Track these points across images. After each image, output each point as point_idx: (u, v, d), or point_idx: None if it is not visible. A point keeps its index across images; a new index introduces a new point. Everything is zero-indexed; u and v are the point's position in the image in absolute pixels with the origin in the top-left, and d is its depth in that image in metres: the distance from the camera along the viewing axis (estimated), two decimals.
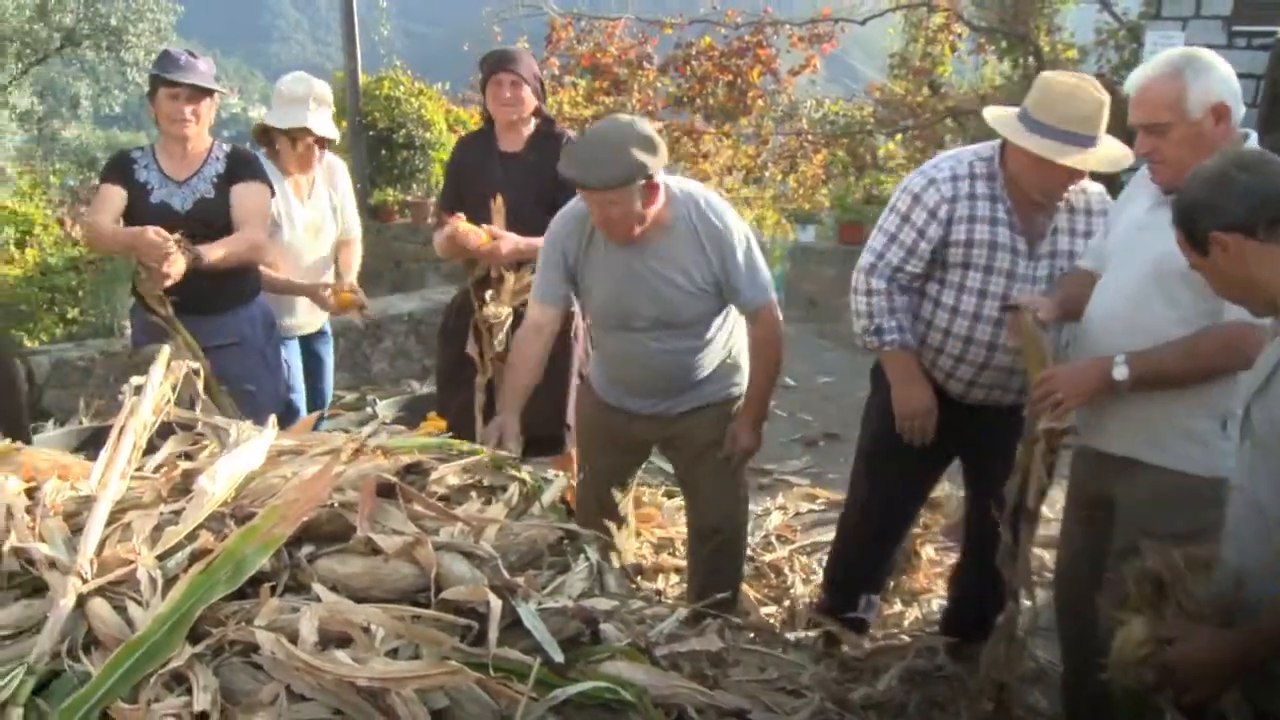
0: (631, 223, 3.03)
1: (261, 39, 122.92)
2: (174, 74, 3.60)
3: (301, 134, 4.09)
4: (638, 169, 2.91)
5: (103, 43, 11.01)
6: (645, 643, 1.98)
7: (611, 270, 3.17)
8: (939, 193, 3.04)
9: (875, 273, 3.12)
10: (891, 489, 3.42)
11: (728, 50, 12.31)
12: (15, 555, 1.96)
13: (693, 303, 3.18)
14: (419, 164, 12.06)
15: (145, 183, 3.70)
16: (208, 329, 3.59)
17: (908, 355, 3.18)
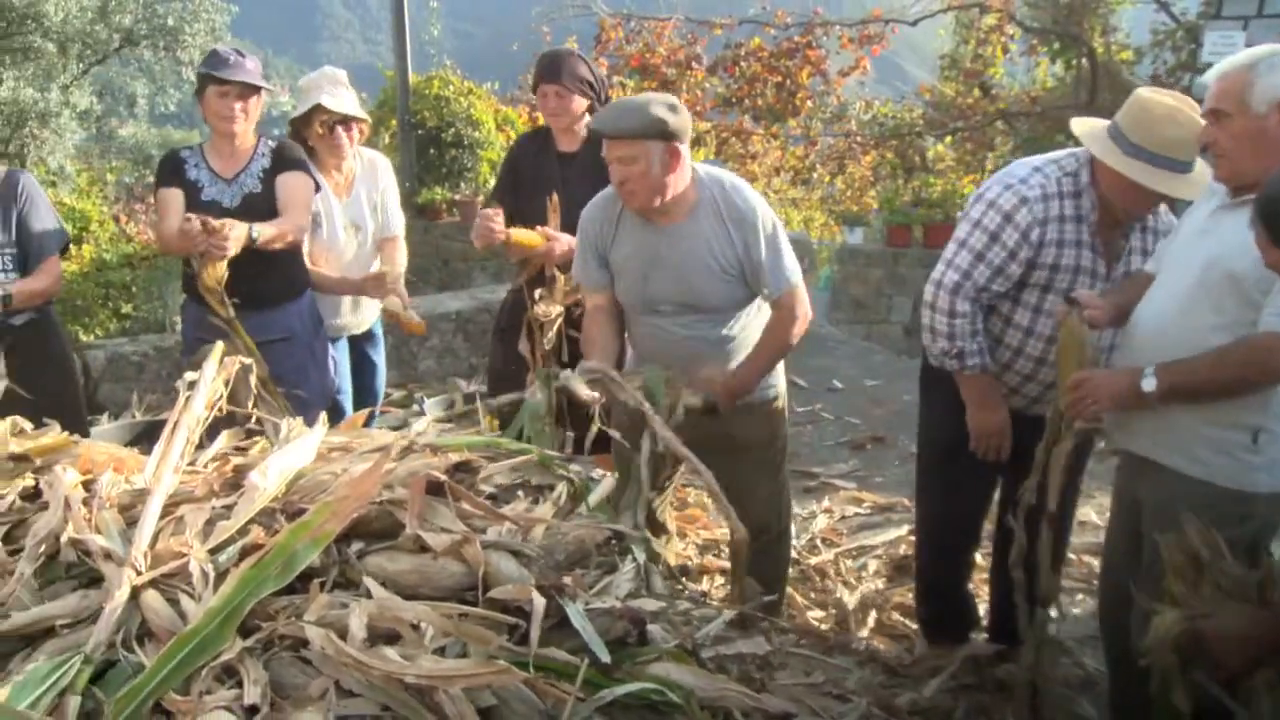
0: (651, 188, 3.06)
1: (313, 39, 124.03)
2: (223, 72, 3.67)
3: (318, 113, 4.12)
4: (657, 122, 2.99)
5: (160, 43, 11.15)
6: (692, 644, 1.97)
7: (638, 252, 3.21)
8: (1032, 214, 2.92)
9: (961, 293, 3.00)
10: (961, 498, 3.36)
11: (777, 51, 12.29)
12: (73, 546, 1.99)
13: (718, 286, 3.18)
14: (467, 163, 12.11)
15: (196, 181, 3.79)
16: (258, 323, 3.65)
17: (987, 377, 3.11)
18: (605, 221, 3.28)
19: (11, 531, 2.13)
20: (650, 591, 2.16)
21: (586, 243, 3.32)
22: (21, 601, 1.89)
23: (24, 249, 3.66)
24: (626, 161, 3.03)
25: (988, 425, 3.13)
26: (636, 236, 3.21)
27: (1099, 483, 3.46)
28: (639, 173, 3.03)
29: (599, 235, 3.28)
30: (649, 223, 3.21)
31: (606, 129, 3.07)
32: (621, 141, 3.03)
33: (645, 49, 12.46)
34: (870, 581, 4.16)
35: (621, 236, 3.25)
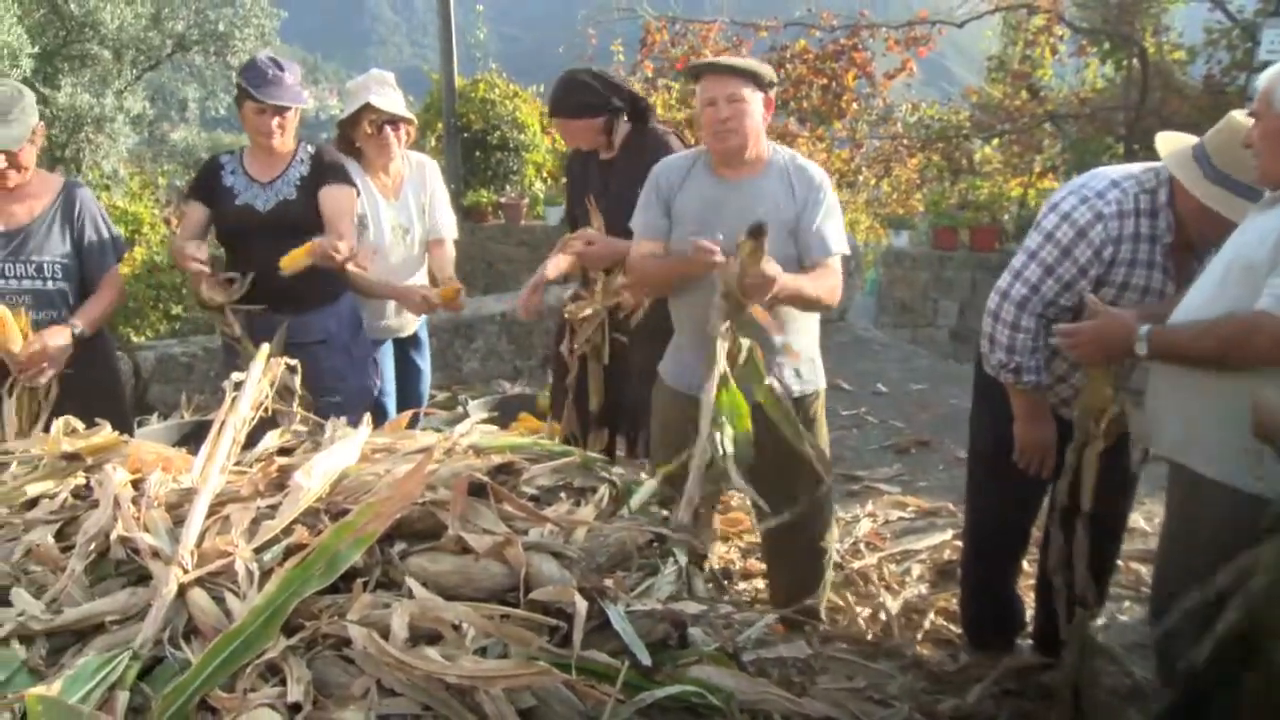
0: (749, 131, 3.19)
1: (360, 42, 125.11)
2: (260, 91, 3.71)
3: (366, 113, 4.13)
4: (762, 71, 3.23)
5: (210, 48, 11.31)
6: (733, 647, 1.96)
7: (703, 199, 3.28)
8: (1106, 231, 2.82)
9: (1028, 308, 2.93)
10: (1009, 503, 3.32)
11: (823, 53, 12.24)
12: (122, 544, 2.02)
13: (776, 237, 3.16)
14: (513, 166, 12.19)
15: (231, 187, 3.84)
16: (295, 326, 3.68)
17: (1040, 394, 3.07)
18: (677, 171, 3.37)
19: (64, 528, 2.17)
20: (691, 594, 2.15)
21: (653, 192, 3.39)
22: (73, 597, 1.93)
23: (81, 262, 3.70)
24: (734, 100, 3.16)
25: (1034, 440, 3.09)
26: (704, 186, 3.30)
27: (1146, 488, 3.42)
28: (743, 112, 3.17)
29: (668, 184, 3.36)
30: (719, 176, 3.30)
31: (720, 67, 3.23)
32: (733, 79, 3.18)
33: (690, 51, 12.44)
34: (913, 586, 4.12)
35: (689, 185, 3.33)
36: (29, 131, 3.50)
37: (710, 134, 3.24)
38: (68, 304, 3.64)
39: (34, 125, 3.53)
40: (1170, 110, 9.96)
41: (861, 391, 7.00)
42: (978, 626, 3.55)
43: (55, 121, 9.12)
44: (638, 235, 3.42)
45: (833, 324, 7.99)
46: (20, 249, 3.56)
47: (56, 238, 3.62)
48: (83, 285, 3.71)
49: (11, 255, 3.55)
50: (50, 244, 3.61)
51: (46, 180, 3.70)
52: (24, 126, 3.48)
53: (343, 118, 4.21)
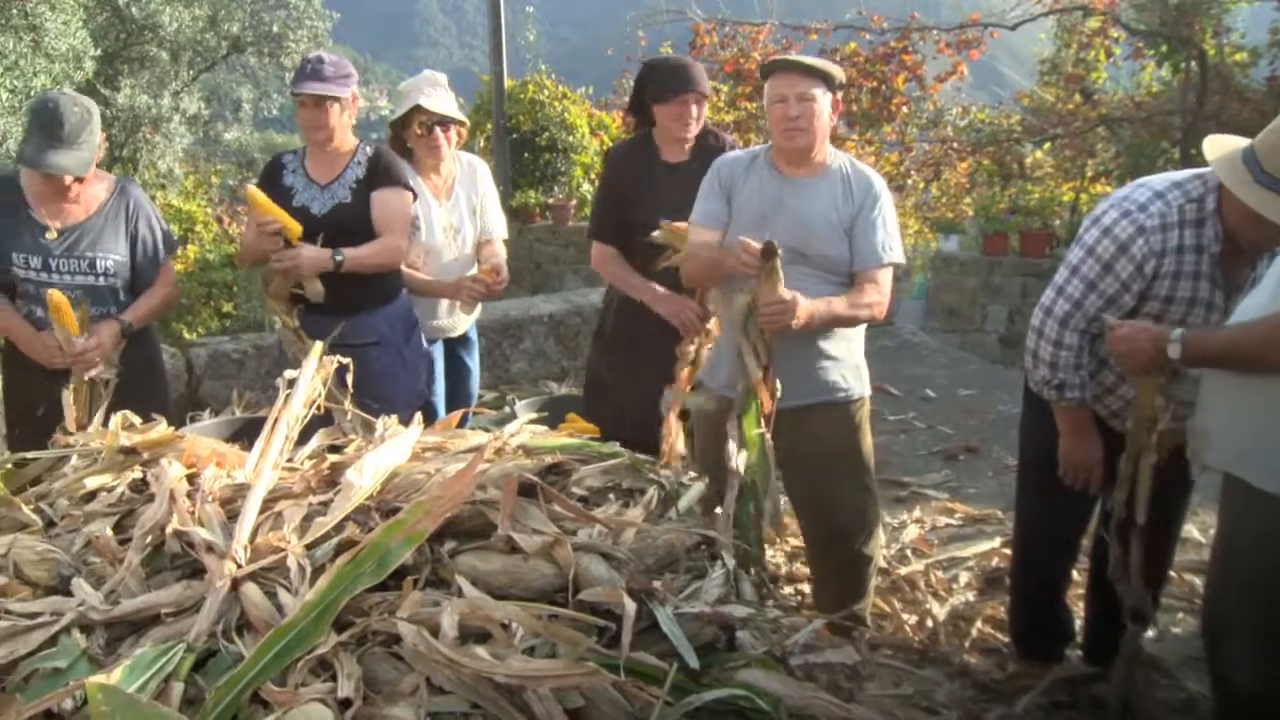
0: (818, 131, 3.21)
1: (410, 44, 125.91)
2: (299, 85, 3.74)
3: (416, 114, 4.15)
4: (833, 71, 3.26)
5: (264, 49, 11.44)
6: (781, 652, 1.96)
7: (763, 196, 3.29)
8: (1149, 245, 2.76)
9: (1070, 325, 2.90)
10: (1060, 512, 3.28)
11: (873, 56, 12.17)
12: (177, 538, 2.05)
13: (830, 237, 3.22)
14: (561, 167, 12.23)
15: (290, 187, 3.84)
16: (348, 327, 3.69)
17: (1085, 410, 3.03)
18: (739, 166, 3.38)
19: (121, 521, 2.21)
20: (739, 598, 2.15)
21: (712, 185, 3.39)
22: (130, 589, 1.96)
23: (134, 258, 3.75)
24: (805, 99, 3.17)
25: (1079, 456, 3.06)
26: (765, 183, 3.31)
27: (1198, 497, 3.37)
28: (813, 112, 3.18)
29: (729, 177, 3.37)
30: (780, 174, 3.31)
31: (794, 65, 3.25)
32: (805, 78, 3.20)
33: (739, 54, 12.42)
34: (961, 594, 4.09)
35: (750, 181, 3.33)
36: (96, 151, 3.58)
37: (779, 131, 3.25)
38: (118, 300, 3.70)
39: (99, 142, 3.60)
40: (1230, 114, 9.81)
41: (909, 397, 6.95)
42: (1026, 636, 3.52)
43: (114, 122, 9.26)
44: (696, 224, 3.42)
45: (880, 328, 7.94)
46: (74, 246, 3.63)
47: (110, 235, 3.68)
48: (135, 282, 3.76)
49: (66, 252, 3.61)
50: (104, 241, 3.67)
51: (101, 178, 3.76)
52: (91, 149, 3.56)
53: (394, 119, 4.23)
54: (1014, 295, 9.61)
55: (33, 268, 3.61)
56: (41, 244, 3.61)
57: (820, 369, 3.28)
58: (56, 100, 3.56)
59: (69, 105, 3.53)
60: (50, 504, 2.35)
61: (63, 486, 2.41)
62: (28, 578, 2.02)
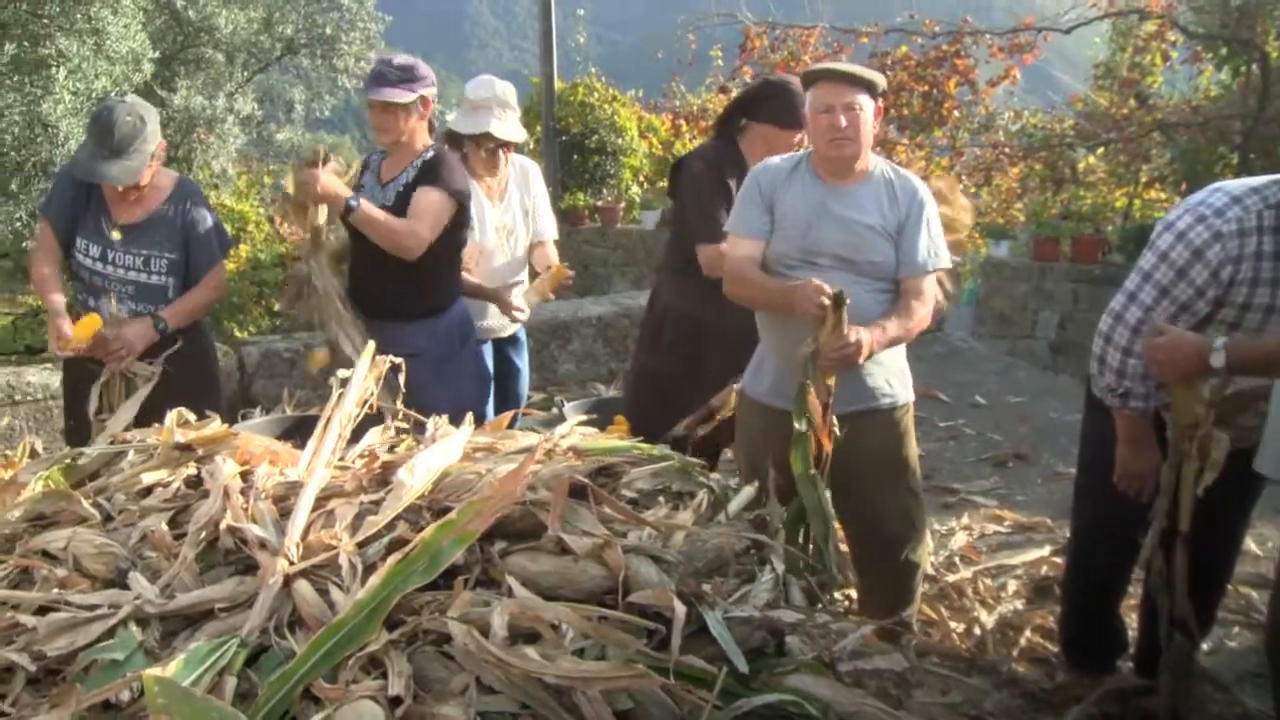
0: (863, 140, 3.18)
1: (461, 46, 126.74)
2: (367, 89, 3.77)
3: (484, 139, 4.17)
4: (876, 79, 3.22)
5: (317, 51, 11.56)
6: (830, 657, 1.95)
7: (806, 203, 3.24)
8: (1225, 251, 2.68)
9: (1141, 332, 2.82)
10: (1118, 520, 3.23)
11: (924, 60, 12.09)
12: (231, 533, 2.08)
13: (877, 243, 3.19)
14: (610, 169, 12.27)
15: (362, 186, 3.88)
16: (387, 338, 3.68)
17: (1145, 420, 2.98)
18: (779, 173, 3.34)
19: (176, 516, 2.24)
20: (788, 602, 2.14)
21: (751, 193, 3.34)
22: (184, 583, 1.99)
23: (189, 257, 3.81)
24: (851, 108, 3.14)
25: (1136, 466, 3.01)
26: (807, 190, 3.27)
27: (1257, 510, 3.31)
28: (859, 121, 3.15)
29: (770, 185, 3.32)
30: (823, 182, 3.27)
31: (837, 74, 3.20)
32: (850, 87, 3.16)
33: (790, 57, 12.38)
34: (1009, 602, 4.04)
35: (792, 189, 3.29)
36: (148, 159, 3.65)
37: (825, 141, 3.20)
38: (167, 299, 3.77)
39: (153, 150, 3.66)
40: None
41: (958, 403, 6.89)
42: (1077, 646, 3.47)
43: (170, 123, 9.40)
44: (735, 234, 3.36)
45: (930, 334, 7.89)
46: (132, 242, 3.71)
47: (165, 234, 3.75)
48: (189, 281, 3.82)
49: (124, 246, 3.71)
50: (158, 239, 3.74)
51: (163, 177, 3.82)
52: (143, 157, 3.63)
53: (460, 130, 4.22)
54: (1065, 301, 9.50)
55: (91, 256, 3.74)
56: (104, 235, 3.72)
57: (864, 376, 3.26)
58: (111, 109, 3.65)
59: (122, 115, 3.60)
60: (108, 498, 2.39)
61: (120, 481, 2.45)
62: (86, 570, 2.06)
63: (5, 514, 2.31)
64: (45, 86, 6.58)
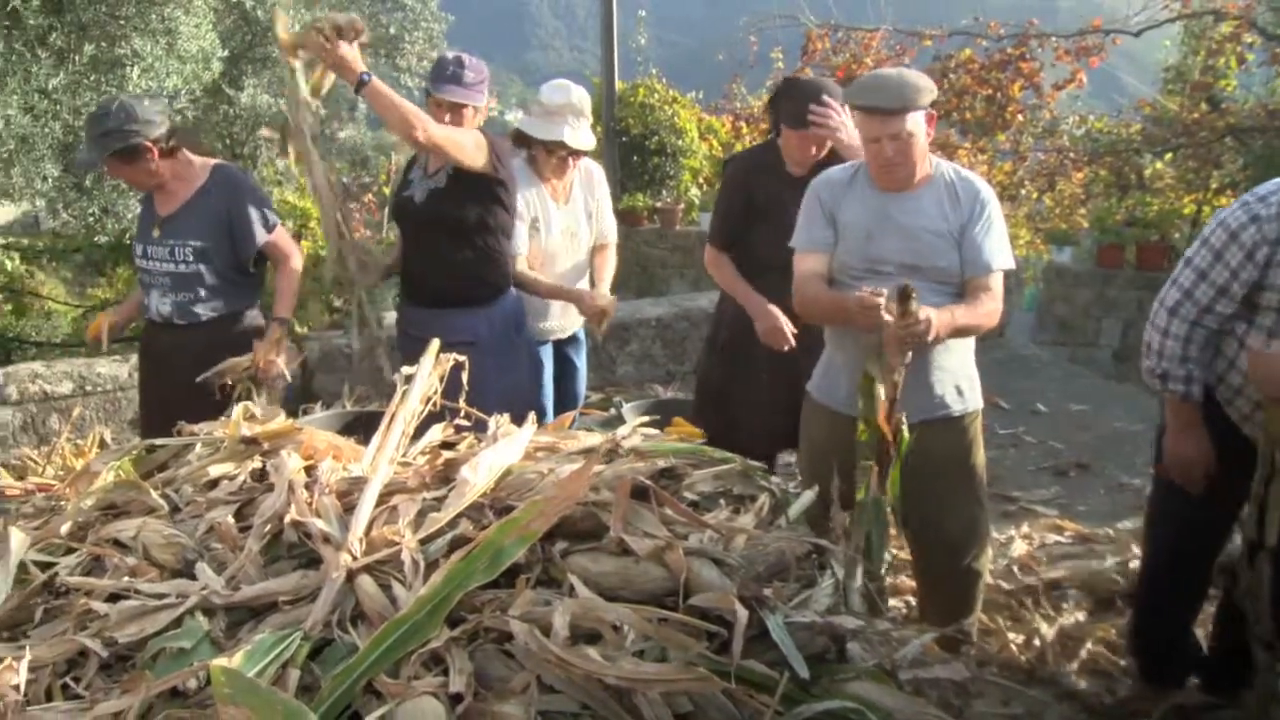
0: (913, 159, 3.11)
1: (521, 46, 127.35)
2: (435, 86, 3.76)
3: (557, 147, 4.20)
4: (923, 92, 3.07)
5: (381, 50, 11.68)
6: (891, 665, 1.93)
7: (867, 212, 3.21)
8: (1260, 232, 2.71)
9: (1179, 314, 2.86)
10: (1195, 531, 3.18)
11: (988, 63, 11.94)
12: (295, 527, 2.10)
13: (942, 248, 3.14)
14: (669, 170, 12.26)
15: (410, 180, 3.91)
16: (443, 326, 3.72)
17: (1190, 405, 2.95)
18: (838, 185, 3.31)
19: (242, 509, 2.27)
20: (848, 609, 2.13)
21: (812, 207, 3.33)
22: (249, 575, 2.02)
23: (232, 240, 3.85)
24: (900, 137, 3.07)
25: (1180, 453, 2.99)
26: (867, 199, 3.24)
27: None
28: (910, 146, 3.08)
29: (830, 197, 3.30)
30: (882, 190, 3.23)
31: (885, 105, 3.05)
32: (897, 117, 3.05)
33: (852, 60, 12.28)
34: (1070, 613, 3.98)
35: (852, 198, 3.26)
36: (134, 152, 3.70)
37: (876, 170, 3.18)
38: (204, 283, 3.82)
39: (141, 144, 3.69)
40: None
41: (1019, 411, 6.80)
42: (1146, 663, 3.41)
43: (236, 120, 9.56)
44: (800, 251, 3.35)
45: (990, 340, 7.80)
46: (166, 234, 3.80)
47: (192, 222, 3.79)
48: (237, 262, 3.87)
49: (158, 240, 3.81)
50: (186, 228, 3.79)
51: (195, 168, 3.88)
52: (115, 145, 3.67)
53: (534, 135, 4.19)
54: (1129, 309, 9.34)
55: (138, 255, 3.89)
56: (147, 234, 3.84)
57: (934, 383, 3.23)
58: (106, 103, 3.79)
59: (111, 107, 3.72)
60: (176, 490, 2.43)
61: (187, 474, 2.49)
62: (155, 560, 2.10)
63: (79, 502, 2.36)
64: (120, 85, 6.73)
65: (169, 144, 3.76)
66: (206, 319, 3.84)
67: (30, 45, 6.60)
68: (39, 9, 6.59)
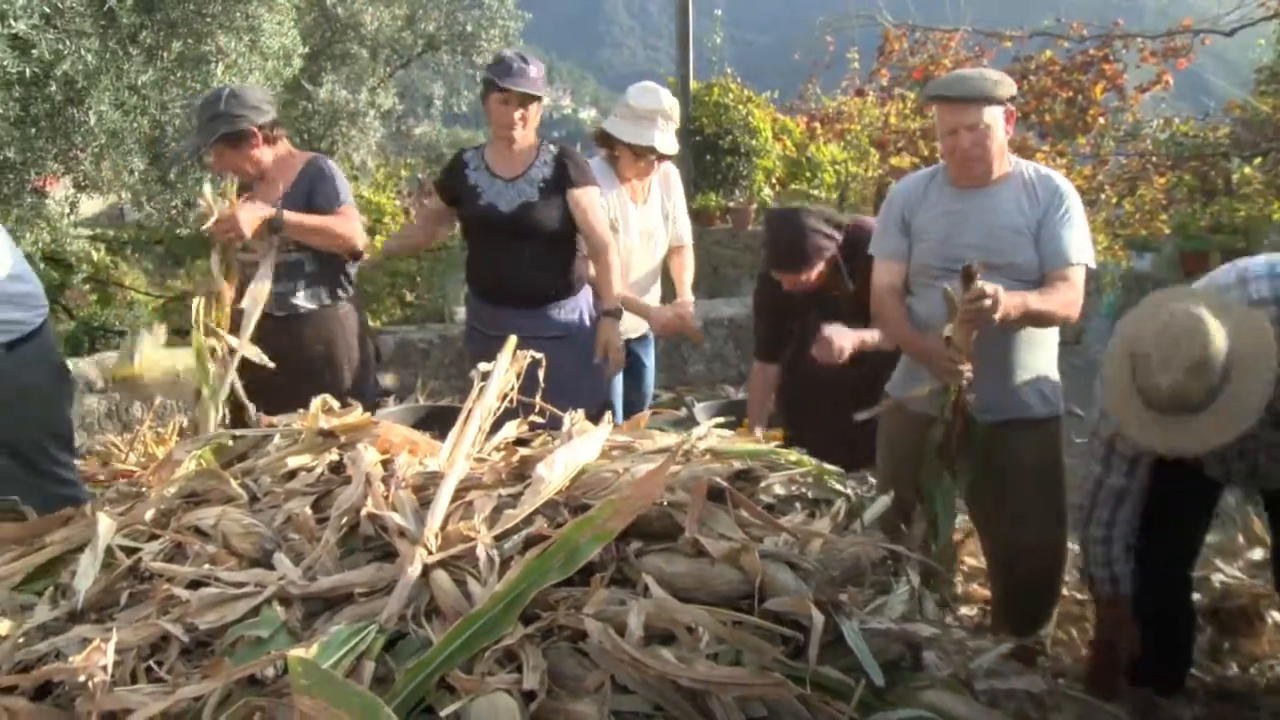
0: (995, 153, 3.12)
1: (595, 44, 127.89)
2: (505, 80, 3.76)
3: (645, 151, 4.19)
4: (1000, 85, 3.11)
5: (458, 48, 11.75)
6: (966, 674, 1.90)
7: (944, 212, 3.22)
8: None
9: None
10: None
11: (1070, 65, 11.71)
12: (371, 520, 2.12)
13: (1018, 243, 3.13)
14: (743, 170, 12.21)
15: (475, 185, 3.91)
16: (534, 322, 3.76)
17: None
18: (915, 189, 3.33)
19: (319, 501, 2.29)
20: (924, 616, 2.10)
21: (890, 216, 3.34)
22: (325, 567, 2.04)
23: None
24: (976, 128, 3.08)
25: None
26: (945, 201, 3.24)
27: None
28: (986, 137, 3.09)
29: (906, 202, 3.32)
30: (959, 189, 3.23)
31: (960, 93, 3.10)
32: (971, 107, 3.08)
33: (930, 61, 12.12)
34: None
35: (929, 202, 3.27)
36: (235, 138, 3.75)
37: (953, 163, 3.19)
38: (304, 273, 3.85)
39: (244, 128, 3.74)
40: None
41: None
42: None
43: (315, 116, 9.69)
44: (877, 261, 3.37)
45: (1067, 347, 7.64)
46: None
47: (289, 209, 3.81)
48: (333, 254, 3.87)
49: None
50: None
51: (292, 158, 3.93)
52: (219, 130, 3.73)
53: (623, 138, 4.20)
54: None
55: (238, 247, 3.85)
56: None
57: (1016, 383, 3.19)
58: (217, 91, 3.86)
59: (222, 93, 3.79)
60: (254, 480, 2.47)
61: (266, 464, 2.53)
62: (234, 548, 2.13)
63: (162, 489, 2.41)
64: (204, 81, 6.86)
65: (273, 131, 3.83)
66: (304, 311, 3.88)
67: (123, 43, 6.76)
68: (132, 8, 6.74)
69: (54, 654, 1.89)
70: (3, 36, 6.11)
